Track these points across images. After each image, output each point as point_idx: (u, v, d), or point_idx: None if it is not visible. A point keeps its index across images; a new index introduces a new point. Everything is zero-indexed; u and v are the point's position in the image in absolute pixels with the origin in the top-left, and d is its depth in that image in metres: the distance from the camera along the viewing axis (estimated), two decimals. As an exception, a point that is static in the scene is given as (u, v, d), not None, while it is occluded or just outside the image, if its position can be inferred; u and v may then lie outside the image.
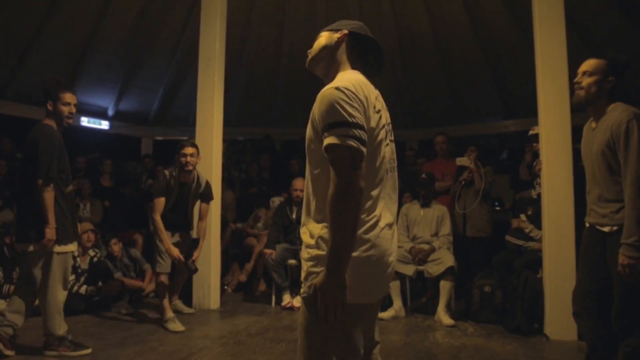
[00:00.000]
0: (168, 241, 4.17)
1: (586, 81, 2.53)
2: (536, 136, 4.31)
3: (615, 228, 2.45)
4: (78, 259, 4.69)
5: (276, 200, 6.20)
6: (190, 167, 4.21)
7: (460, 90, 8.41)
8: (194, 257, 4.25)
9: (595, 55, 2.58)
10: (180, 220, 4.40)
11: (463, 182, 5.14)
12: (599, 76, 2.50)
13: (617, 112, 2.45)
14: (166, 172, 4.35)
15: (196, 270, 4.30)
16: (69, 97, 3.36)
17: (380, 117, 1.56)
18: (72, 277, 4.55)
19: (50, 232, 3.19)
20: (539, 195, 4.32)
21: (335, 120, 1.42)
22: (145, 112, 9.40)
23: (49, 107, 3.35)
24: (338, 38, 1.67)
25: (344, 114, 1.42)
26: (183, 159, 4.18)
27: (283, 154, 8.47)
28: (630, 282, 2.34)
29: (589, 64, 2.56)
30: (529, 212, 4.71)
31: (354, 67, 1.64)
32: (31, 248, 3.23)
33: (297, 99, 8.97)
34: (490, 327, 4.22)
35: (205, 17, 5.17)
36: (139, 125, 9.45)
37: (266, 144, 8.62)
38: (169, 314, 4.16)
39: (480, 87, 8.20)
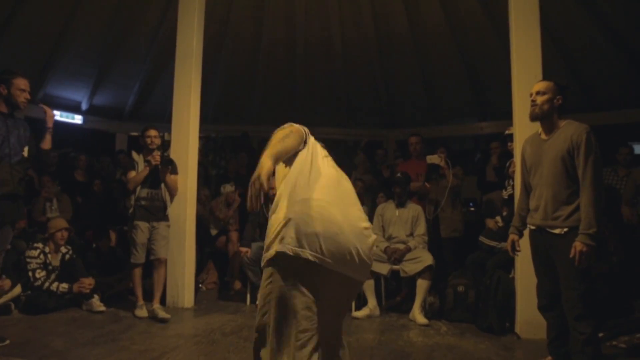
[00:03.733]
0: (143, 171, 4.49)
1: (540, 99, 2.92)
2: (512, 135, 4.39)
3: (565, 230, 2.77)
4: (49, 256, 4.59)
5: (227, 187, 6.14)
6: (154, 147, 4.57)
7: (437, 91, 8.51)
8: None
9: (545, 79, 3.07)
10: (155, 198, 4.55)
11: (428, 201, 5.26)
12: (550, 95, 2.91)
13: (573, 126, 2.83)
14: (134, 153, 4.75)
15: (171, 160, 4.58)
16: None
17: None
18: (42, 274, 4.46)
19: None
20: (510, 196, 4.40)
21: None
22: (120, 107, 9.24)
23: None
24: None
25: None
26: (148, 140, 4.58)
27: (260, 152, 8.41)
28: (578, 273, 2.69)
29: (540, 85, 2.98)
30: (504, 213, 4.78)
31: None
32: None
33: (275, 97, 8.95)
34: (463, 326, 4.28)
35: (182, 12, 5.10)
36: (114, 120, 9.29)
37: (243, 141, 8.56)
38: (140, 301, 4.46)
39: (457, 89, 8.31)
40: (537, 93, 2.95)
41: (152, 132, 4.62)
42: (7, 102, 3.48)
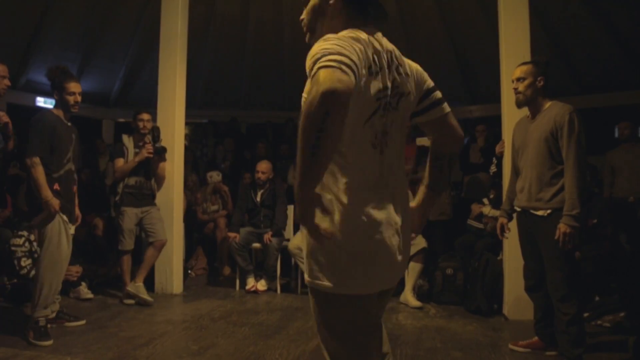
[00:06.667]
0: (132, 162, 4.43)
1: (521, 86, 2.91)
2: None
3: (548, 212, 2.78)
4: (35, 244, 4.52)
5: (214, 175, 6.10)
6: (146, 131, 4.55)
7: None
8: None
9: (523, 62, 3.03)
10: (144, 186, 4.50)
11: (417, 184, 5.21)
12: (530, 79, 2.89)
13: (558, 107, 2.82)
14: (124, 136, 4.64)
15: (164, 149, 4.53)
16: (73, 86, 3.49)
17: (377, 77, 1.32)
18: (28, 262, 4.40)
19: (51, 204, 3.23)
20: (494, 173, 4.40)
21: (328, 50, 1.20)
22: (106, 93, 9.11)
23: (55, 97, 3.52)
24: (330, 4, 1.43)
25: (330, 47, 1.21)
26: (140, 123, 4.54)
27: (249, 137, 8.36)
28: (562, 254, 2.69)
29: (520, 71, 2.95)
30: (491, 196, 4.80)
31: (354, 27, 1.38)
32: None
33: (263, 81, 8.86)
34: (451, 308, 4.31)
35: (166, -7, 4.99)
36: (100, 106, 9.15)
37: (232, 127, 8.49)
38: (128, 288, 4.41)
39: (446, 72, 8.27)
40: (518, 80, 2.94)
41: (145, 116, 4.56)
42: None
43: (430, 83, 1.57)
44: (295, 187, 1.19)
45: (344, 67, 1.15)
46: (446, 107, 1.58)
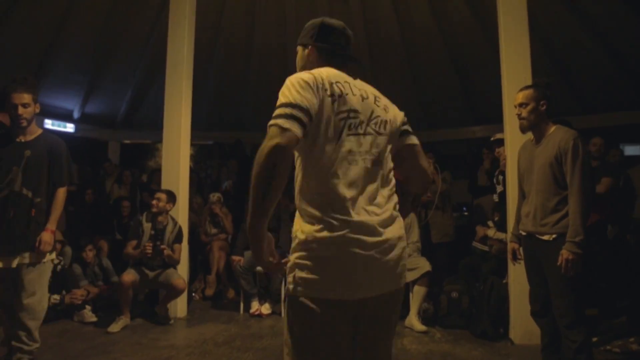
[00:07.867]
0: (136, 252, 4.48)
1: (524, 112, 2.88)
2: (499, 141, 4.39)
3: (554, 236, 2.75)
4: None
5: (210, 197, 6.11)
6: (155, 209, 4.57)
7: (429, 96, 8.52)
8: (161, 247, 4.43)
9: (524, 87, 2.97)
10: (156, 261, 4.54)
11: (419, 206, 5.22)
12: (533, 104, 2.85)
13: (562, 132, 2.80)
14: (140, 217, 4.69)
15: (162, 252, 4.43)
16: (15, 97, 2.94)
17: (334, 102, 1.57)
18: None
19: None
20: (501, 193, 4.36)
21: (279, 103, 1.53)
22: (113, 115, 9.21)
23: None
24: (307, 55, 1.84)
25: (285, 98, 1.52)
26: (154, 202, 4.58)
27: (253, 159, 8.38)
28: (568, 280, 2.64)
29: (522, 96, 2.90)
30: (496, 218, 4.78)
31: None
32: None
33: (267, 103, 8.92)
34: (457, 332, 4.26)
35: (173, 18, 5.07)
36: (106, 128, 9.25)
37: (237, 148, 8.53)
38: (123, 315, 4.37)
39: (449, 94, 8.33)
40: (520, 105, 2.91)
41: (161, 195, 4.58)
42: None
43: (403, 119, 1.81)
44: (247, 227, 1.46)
45: (288, 124, 1.45)
46: (415, 139, 1.79)
